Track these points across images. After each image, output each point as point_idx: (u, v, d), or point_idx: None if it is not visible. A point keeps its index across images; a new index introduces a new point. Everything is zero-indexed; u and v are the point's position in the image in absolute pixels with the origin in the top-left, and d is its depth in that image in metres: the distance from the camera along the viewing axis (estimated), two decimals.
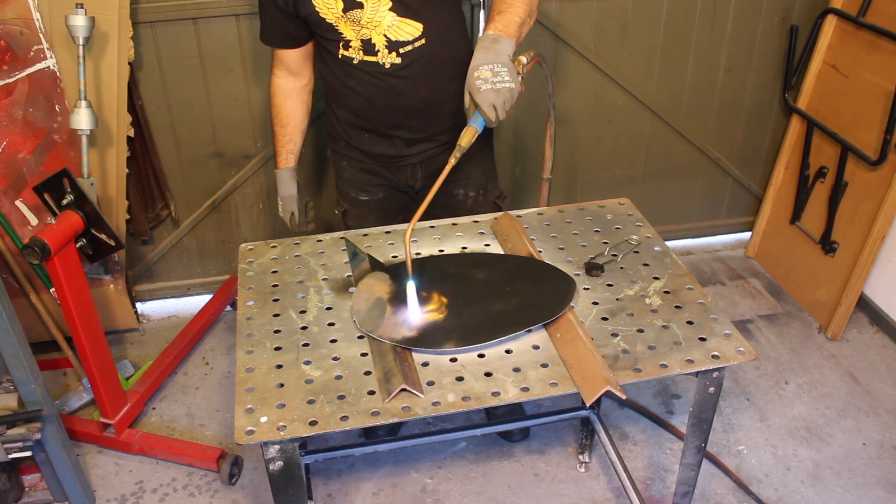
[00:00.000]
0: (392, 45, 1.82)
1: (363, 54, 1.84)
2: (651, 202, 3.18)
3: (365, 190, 2.14)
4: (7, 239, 2.46)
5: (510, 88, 1.54)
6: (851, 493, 2.23)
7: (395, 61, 1.84)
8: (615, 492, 2.24)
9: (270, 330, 1.51)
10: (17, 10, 2.22)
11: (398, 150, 2.02)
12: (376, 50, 1.82)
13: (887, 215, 2.59)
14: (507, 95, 1.54)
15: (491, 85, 1.53)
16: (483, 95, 1.53)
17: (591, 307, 1.55)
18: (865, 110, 2.64)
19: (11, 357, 1.84)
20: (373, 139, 2.02)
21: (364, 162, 2.08)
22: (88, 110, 2.12)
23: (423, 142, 2.01)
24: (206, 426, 2.50)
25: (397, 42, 1.81)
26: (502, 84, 1.53)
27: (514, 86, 1.55)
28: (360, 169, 2.11)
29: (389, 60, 1.84)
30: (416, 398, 1.32)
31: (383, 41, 1.81)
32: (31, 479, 2.20)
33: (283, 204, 2.17)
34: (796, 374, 2.66)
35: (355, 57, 1.85)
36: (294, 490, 1.37)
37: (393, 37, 1.81)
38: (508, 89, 1.54)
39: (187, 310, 3.00)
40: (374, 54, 1.83)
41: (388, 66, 1.85)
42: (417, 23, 1.80)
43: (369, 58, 1.84)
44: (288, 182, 2.13)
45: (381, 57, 1.83)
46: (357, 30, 1.80)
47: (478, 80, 1.53)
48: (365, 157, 2.07)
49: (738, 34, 2.88)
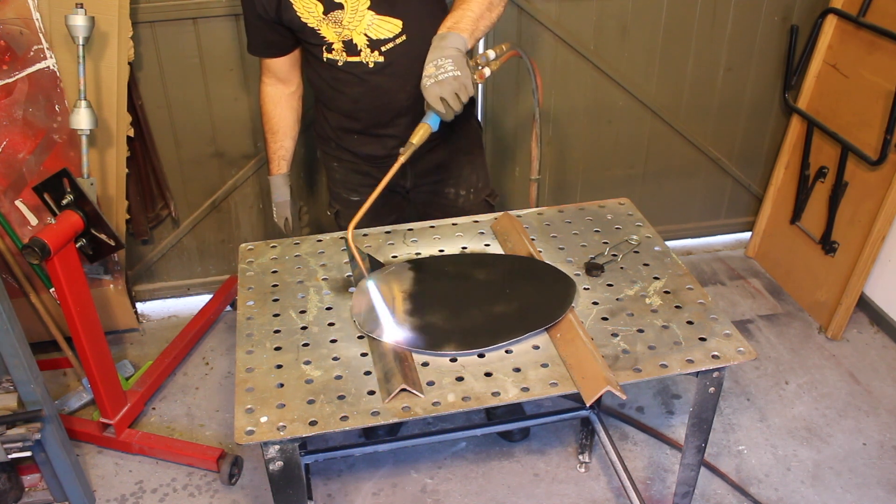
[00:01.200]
0: (373, 43, 1.82)
1: (346, 55, 1.85)
2: (651, 202, 3.18)
3: (356, 191, 2.14)
4: (7, 239, 2.46)
5: (454, 76, 1.55)
6: (852, 494, 2.23)
7: (378, 60, 1.85)
8: (615, 492, 2.24)
9: (270, 330, 1.51)
10: (16, 9, 2.22)
11: (387, 150, 2.02)
12: (358, 50, 1.84)
13: (887, 215, 2.59)
14: (454, 84, 1.55)
15: (433, 79, 1.55)
16: (428, 91, 1.56)
17: (591, 307, 1.55)
18: (866, 110, 2.64)
19: (11, 357, 1.84)
20: (362, 140, 2.03)
21: (354, 163, 2.09)
22: (88, 110, 2.12)
23: None
24: (206, 426, 2.50)
25: (378, 40, 1.82)
26: (444, 74, 1.55)
27: (460, 73, 1.56)
28: (351, 170, 2.12)
29: (372, 59, 1.85)
30: (416, 398, 1.32)
31: (364, 40, 1.82)
32: (31, 480, 2.20)
33: (276, 210, 2.17)
34: (796, 375, 2.66)
35: (339, 59, 1.86)
36: (294, 490, 1.36)
37: (374, 35, 1.81)
38: (452, 77, 1.55)
39: (187, 310, 3.00)
40: (356, 54, 1.85)
41: (371, 65, 1.86)
42: (396, 20, 1.81)
43: (353, 58, 1.85)
44: (281, 188, 2.14)
45: (363, 56, 1.85)
46: (338, 31, 1.81)
47: (423, 79, 1.57)
48: (355, 159, 2.08)
49: (738, 34, 2.88)
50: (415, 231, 1.83)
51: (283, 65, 2.01)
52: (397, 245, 1.78)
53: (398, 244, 1.78)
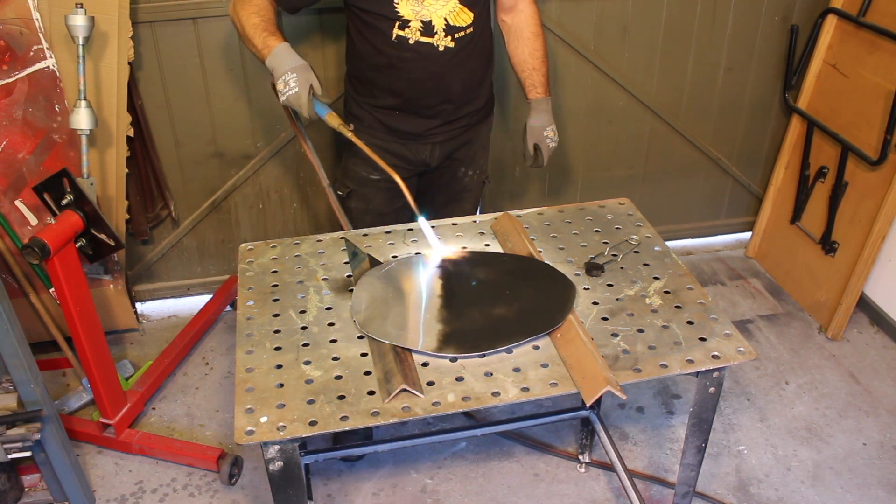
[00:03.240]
0: (449, 29, 1.94)
1: (420, 35, 1.92)
2: (651, 202, 3.18)
3: (379, 169, 2.06)
4: (7, 239, 2.46)
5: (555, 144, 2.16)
6: (852, 494, 2.23)
7: (450, 45, 1.95)
8: (615, 492, 2.24)
9: (270, 330, 1.51)
10: (16, 9, 2.22)
11: (423, 129, 2.09)
12: (435, 32, 1.93)
13: (887, 215, 2.59)
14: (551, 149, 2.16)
15: (554, 142, 2.14)
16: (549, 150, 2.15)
17: (591, 307, 1.55)
18: (866, 110, 2.64)
19: (11, 357, 1.84)
20: (403, 118, 2.08)
21: (384, 140, 2.11)
22: (88, 110, 2.11)
23: (450, 123, 2.11)
24: (206, 426, 2.50)
25: (454, 27, 1.94)
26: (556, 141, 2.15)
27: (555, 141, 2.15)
28: (379, 147, 2.06)
29: (444, 44, 1.94)
30: (416, 398, 1.32)
31: (443, 24, 1.92)
32: (31, 480, 2.20)
33: (298, 75, 1.77)
34: (796, 375, 2.66)
35: (411, 37, 1.93)
36: (294, 490, 1.36)
37: (452, 21, 1.93)
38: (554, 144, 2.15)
39: (187, 310, 2.99)
40: (431, 35, 1.93)
41: (441, 48, 1.95)
42: (471, 12, 1.95)
43: (426, 39, 1.93)
44: (292, 54, 1.81)
45: (437, 39, 1.93)
46: (416, 10, 1.89)
47: (547, 138, 2.13)
48: (387, 135, 2.11)
49: (739, 34, 2.88)
50: (415, 231, 1.83)
51: None
52: (397, 245, 1.78)
53: (398, 244, 1.78)
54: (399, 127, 2.10)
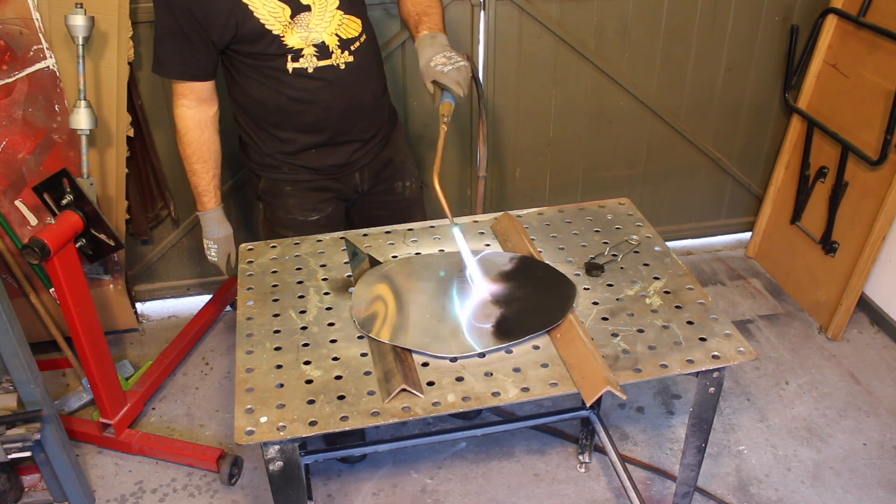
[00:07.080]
0: (344, 43, 1.85)
1: (318, 60, 1.83)
2: (651, 202, 3.18)
3: (316, 209, 2.05)
4: (7, 239, 2.46)
5: (465, 66, 1.77)
6: (852, 494, 2.23)
7: (349, 59, 1.86)
8: (615, 492, 2.24)
9: (270, 330, 1.51)
10: (16, 9, 2.22)
11: (348, 158, 2.00)
12: (330, 51, 1.83)
13: (888, 215, 2.59)
14: (465, 72, 1.77)
15: (452, 66, 1.75)
16: (448, 76, 1.74)
17: (591, 307, 1.55)
18: (866, 110, 2.64)
19: (11, 357, 1.84)
20: (322, 152, 1.97)
21: (312, 181, 2.01)
22: (88, 110, 2.11)
23: (369, 142, 2.02)
24: (206, 426, 2.50)
25: (348, 40, 1.85)
26: (459, 63, 1.76)
27: (466, 64, 1.77)
28: (309, 189, 2.02)
29: (343, 60, 1.86)
30: (416, 398, 1.32)
31: (335, 41, 1.83)
32: (31, 480, 2.20)
33: (219, 247, 2.07)
34: (796, 375, 2.66)
35: (309, 65, 1.82)
36: (294, 490, 1.36)
37: (344, 35, 1.84)
38: (464, 66, 1.76)
39: (187, 310, 3.00)
40: (328, 57, 1.83)
41: (342, 66, 1.86)
42: (358, 19, 1.87)
43: (324, 62, 1.83)
44: (221, 221, 2.06)
45: (335, 58, 1.84)
46: (304, 36, 1.79)
47: (438, 66, 1.75)
48: (313, 176, 2.01)
49: (739, 34, 2.88)
50: (415, 231, 1.83)
51: (209, 84, 1.89)
52: (397, 245, 1.78)
53: (398, 244, 1.78)
54: (320, 164, 1.98)
